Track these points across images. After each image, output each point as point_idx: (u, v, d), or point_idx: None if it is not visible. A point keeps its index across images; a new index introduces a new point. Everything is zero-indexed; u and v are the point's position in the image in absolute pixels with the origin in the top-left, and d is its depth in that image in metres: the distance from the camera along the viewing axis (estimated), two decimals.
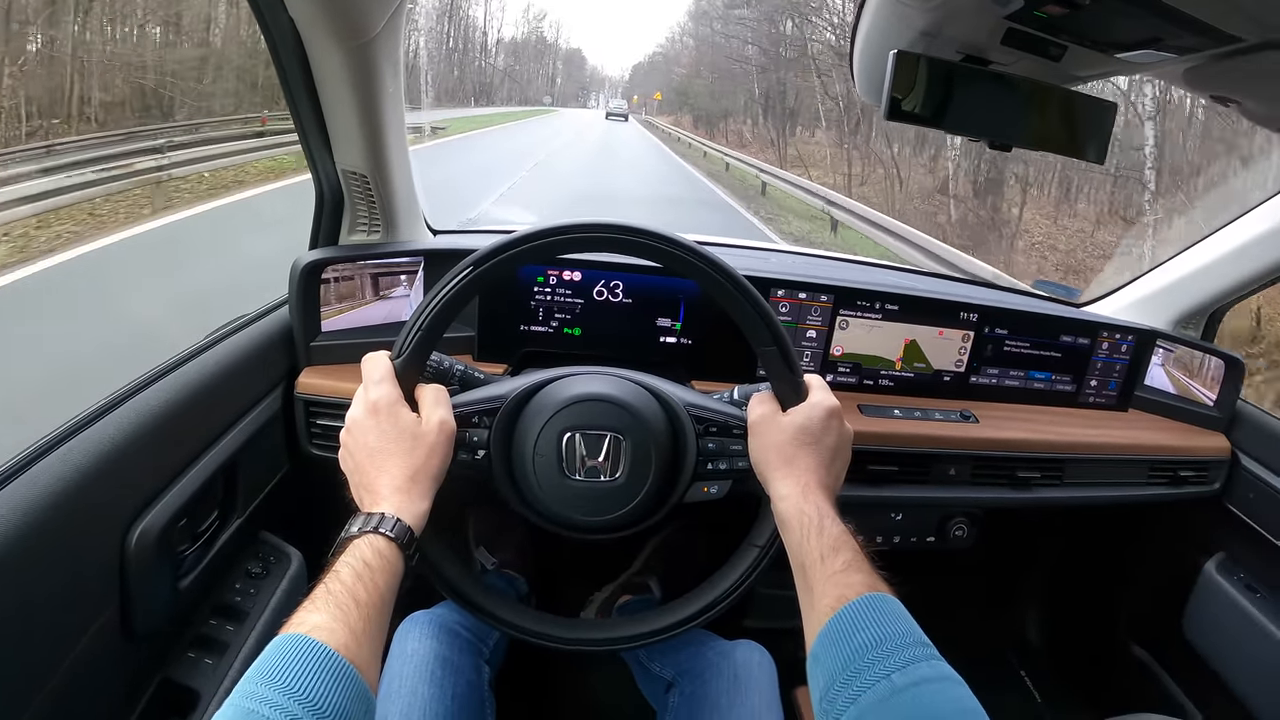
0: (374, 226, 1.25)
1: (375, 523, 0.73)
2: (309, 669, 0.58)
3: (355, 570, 0.68)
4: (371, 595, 0.67)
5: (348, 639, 0.62)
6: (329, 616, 0.63)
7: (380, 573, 0.70)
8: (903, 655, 0.64)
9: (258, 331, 1.14)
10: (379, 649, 0.68)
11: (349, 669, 0.60)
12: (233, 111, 14.63)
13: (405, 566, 0.74)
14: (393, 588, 0.71)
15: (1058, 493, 1.34)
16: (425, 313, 0.84)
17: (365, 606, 0.66)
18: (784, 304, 1.30)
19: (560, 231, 0.84)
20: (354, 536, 0.72)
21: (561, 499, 0.88)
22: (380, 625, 0.68)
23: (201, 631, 0.97)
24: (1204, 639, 1.46)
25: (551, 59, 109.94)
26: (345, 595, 0.66)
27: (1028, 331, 1.41)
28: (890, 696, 0.61)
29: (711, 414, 0.92)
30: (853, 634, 0.67)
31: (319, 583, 0.67)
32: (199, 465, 0.94)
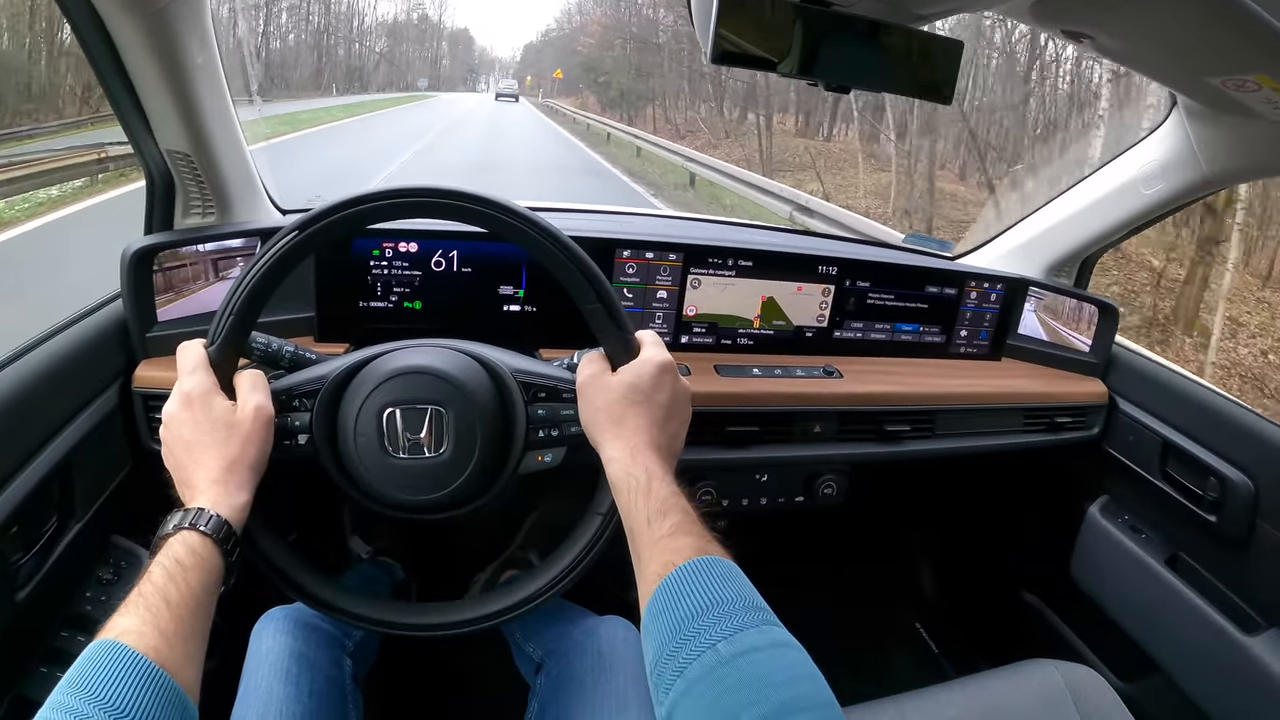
0: (209, 209, 1.19)
1: (190, 518, 0.70)
2: (116, 675, 0.56)
3: (167, 570, 0.65)
4: (184, 594, 0.64)
5: (158, 641, 0.60)
6: (139, 619, 0.61)
7: (194, 570, 0.67)
8: (730, 622, 0.61)
9: (89, 326, 1.08)
10: (196, 649, 0.65)
11: (159, 673, 0.58)
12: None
13: (224, 561, 0.71)
14: (208, 585, 0.68)
15: (930, 444, 1.34)
16: (238, 294, 0.80)
17: (177, 607, 0.63)
18: (631, 265, 1.28)
19: (380, 197, 0.81)
20: (169, 534, 0.69)
21: (387, 479, 0.84)
22: (195, 626, 0.65)
23: (53, 645, 0.94)
24: (1092, 581, 1.48)
25: (435, 40, 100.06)
26: (156, 596, 0.63)
27: (891, 284, 1.40)
28: (716, 667, 0.58)
29: (540, 379, 0.89)
30: (679, 601, 0.64)
31: (135, 586, 0.64)
32: (28, 470, 0.89)
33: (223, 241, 1.18)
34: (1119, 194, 1.39)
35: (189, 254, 1.14)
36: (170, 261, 1.12)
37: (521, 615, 0.90)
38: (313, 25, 59.69)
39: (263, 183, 1.29)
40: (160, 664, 0.58)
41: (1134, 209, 1.38)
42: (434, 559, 1.61)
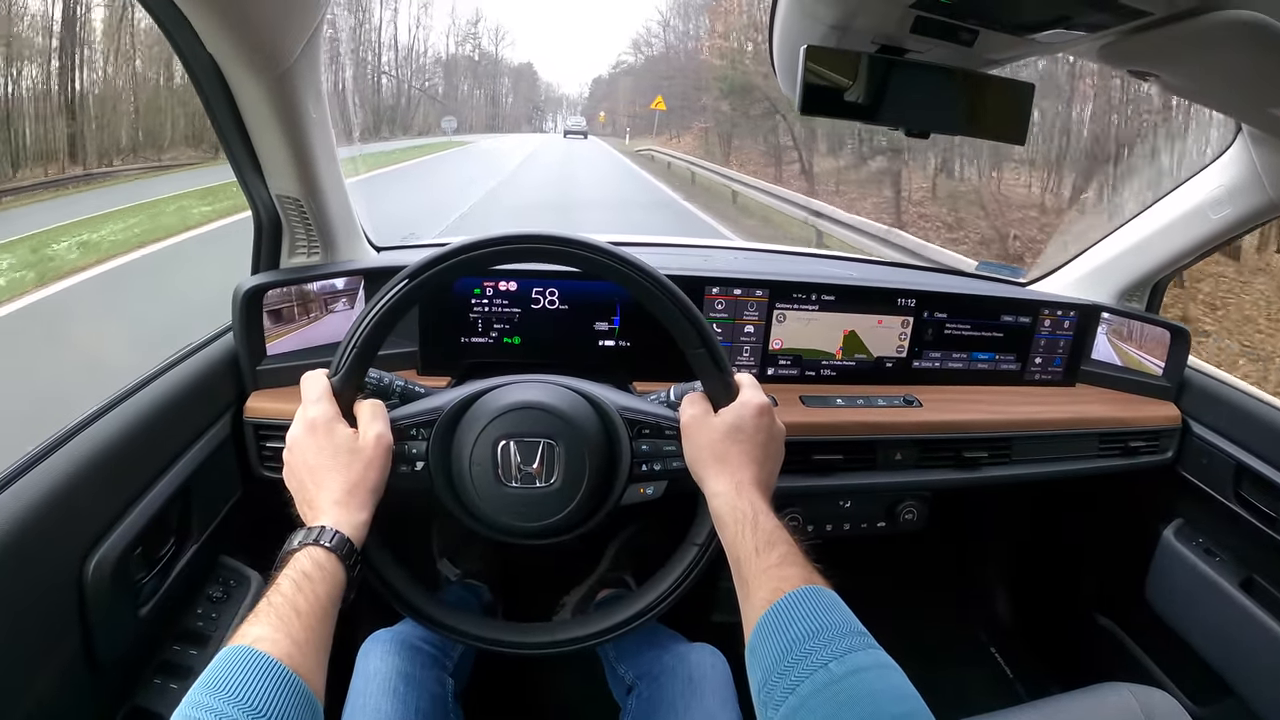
0: (313, 248, 1.26)
1: (314, 535, 0.75)
2: (253, 678, 0.60)
3: (295, 582, 0.70)
4: (312, 605, 0.69)
5: (290, 648, 0.64)
6: (271, 628, 0.65)
7: (320, 583, 0.71)
8: (839, 645, 0.65)
9: (204, 359, 1.15)
10: (323, 656, 0.69)
11: (292, 676, 0.62)
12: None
13: (346, 576, 0.75)
14: (334, 597, 0.73)
15: (1007, 470, 1.35)
16: (359, 330, 0.85)
17: (306, 616, 0.67)
18: (719, 301, 1.32)
19: (490, 244, 0.86)
20: (294, 550, 0.74)
21: (499, 506, 0.89)
22: (322, 633, 0.70)
23: (165, 658, 0.98)
24: (1166, 604, 1.48)
25: (491, 77, 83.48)
26: (286, 606, 0.67)
27: (967, 314, 1.42)
28: (828, 685, 0.62)
29: (644, 416, 0.94)
30: (789, 626, 0.68)
31: (263, 597, 0.69)
32: (152, 494, 0.95)
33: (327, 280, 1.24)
34: (1187, 219, 1.40)
35: (293, 291, 1.21)
36: (276, 297, 1.19)
37: (619, 636, 0.94)
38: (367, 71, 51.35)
39: (360, 222, 1.35)
40: (293, 668, 0.62)
41: (1202, 234, 1.39)
42: (519, 582, 1.65)
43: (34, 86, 15.04)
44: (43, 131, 14.50)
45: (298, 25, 0.99)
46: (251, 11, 0.92)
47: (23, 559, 0.75)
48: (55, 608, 0.80)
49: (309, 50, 1.03)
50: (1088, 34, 0.89)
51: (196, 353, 1.15)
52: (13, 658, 0.74)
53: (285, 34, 0.98)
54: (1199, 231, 1.39)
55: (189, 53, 0.98)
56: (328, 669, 0.70)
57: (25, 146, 14.04)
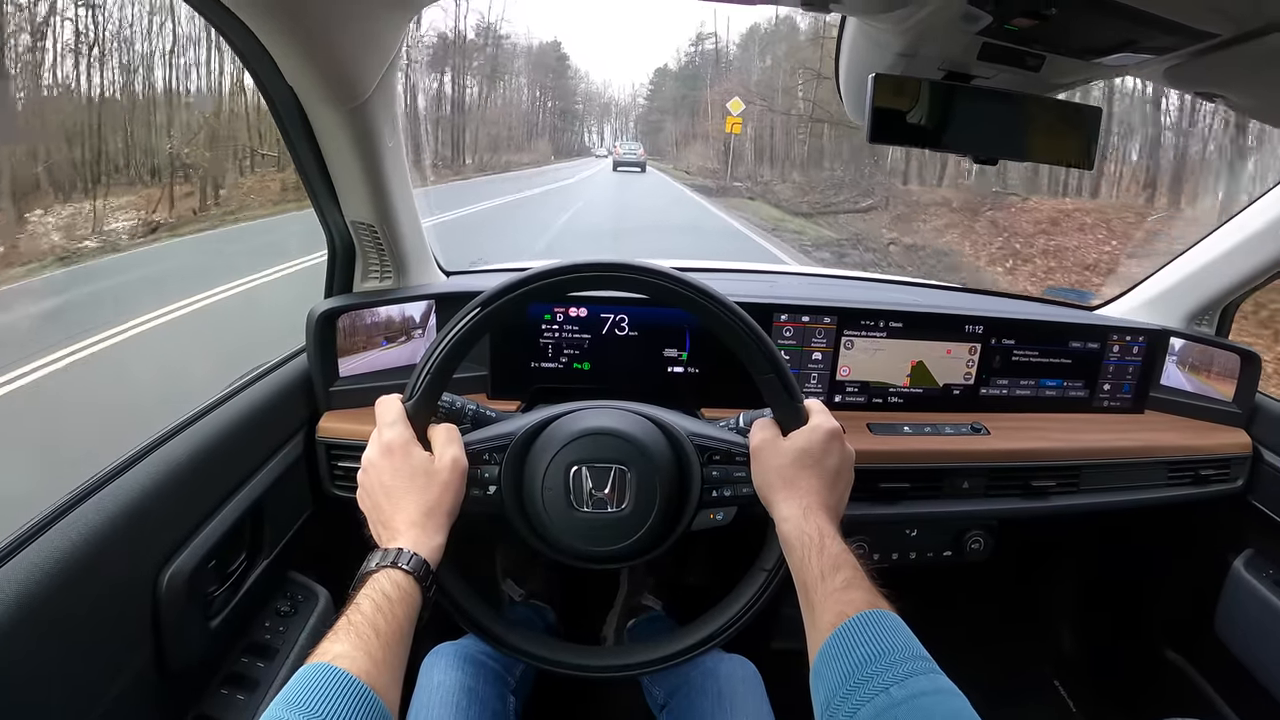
0: (385, 273, 1.29)
1: (393, 557, 0.76)
2: (331, 694, 0.61)
3: (375, 602, 0.71)
4: (391, 625, 0.70)
5: (368, 666, 0.65)
6: (350, 646, 0.66)
7: (399, 604, 0.73)
8: (901, 669, 0.65)
9: (278, 379, 1.18)
10: (399, 676, 0.70)
11: (369, 694, 0.63)
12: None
13: (423, 598, 0.77)
14: (411, 618, 0.74)
15: (1075, 500, 1.33)
16: (434, 355, 0.87)
17: (385, 636, 0.69)
18: (788, 328, 1.32)
19: (563, 271, 0.88)
20: (373, 571, 0.75)
21: (570, 530, 0.90)
22: (399, 654, 0.71)
23: (234, 670, 1.01)
24: (1236, 638, 1.44)
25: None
26: (366, 626, 0.69)
27: (1035, 340, 1.41)
28: (889, 708, 0.63)
29: (715, 442, 0.94)
30: (852, 649, 0.68)
31: (341, 615, 0.70)
32: (226, 509, 0.97)
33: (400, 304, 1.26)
34: (1260, 239, 1.37)
35: (366, 314, 1.23)
36: (349, 320, 1.21)
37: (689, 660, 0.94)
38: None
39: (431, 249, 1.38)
40: (370, 686, 0.63)
41: (1273, 254, 1.36)
42: (580, 603, 1.67)
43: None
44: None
45: (375, 59, 1.02)
46: (330, 45, 0.95)
47: (100, 569, 0.78)
48: (130, 617, 0.83)
49: (385, 82, 1.06)
50: (1155, 57, 0.88)
51: (271, 373, 1.19)
52: (89, 664, 0.76)
53: (363, 67, 1.01)
54: (1270, 252, 1.36)
55: (269, 84, 1.02)
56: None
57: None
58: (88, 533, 0.77)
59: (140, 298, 7.04)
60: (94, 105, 14.31)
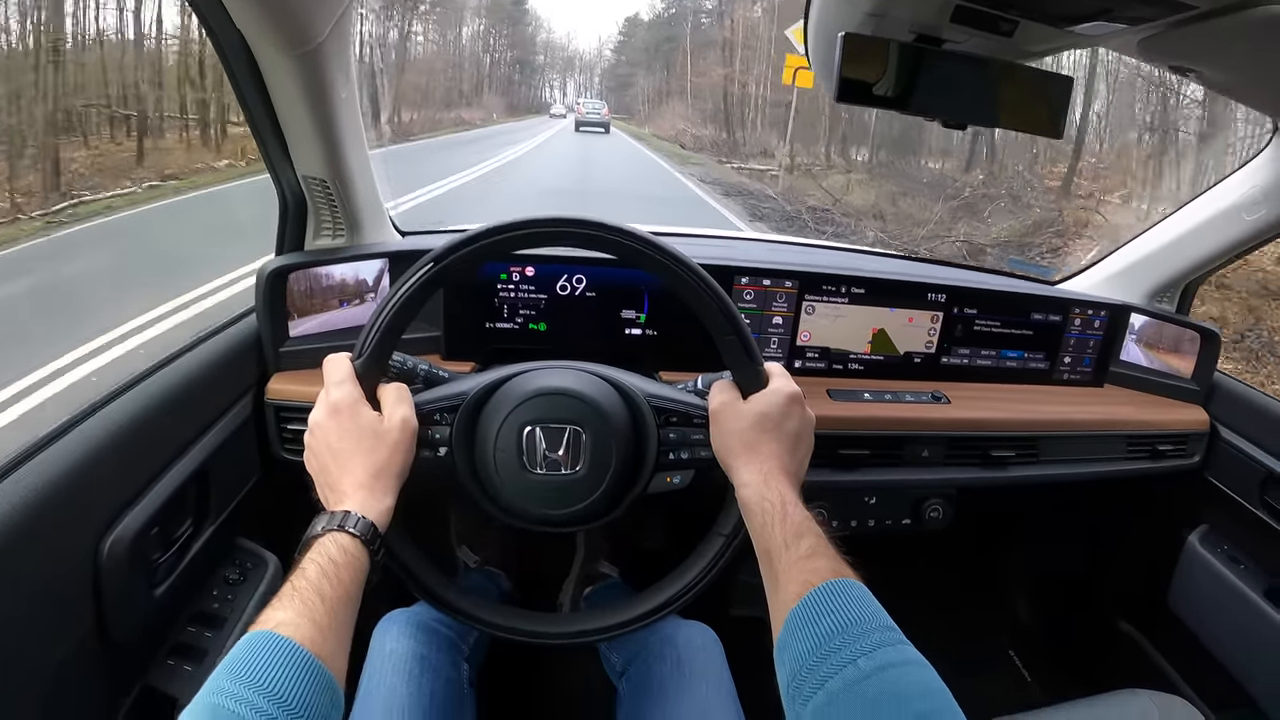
0: (338, 230, 1.25)
1: (339, 520, 0.74)
2: (275, 663, 0.59)
3: (320, 567, 0.69)
4: (337, 591, 0.68)
5: (313, 633, 0.63)
6: (294, 613, 0.64)
7: (345, 568, 0.71)
8: (869, 639, 0.64)
9: (226, 340, 1.14)
10: (345, 642, 0.69)
11: (314, 662, 0.62)
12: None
13: (370, 562, 0.75)
14: (358, 583, 0.72)
15: (1034, 470, 1.34)
16: (384, 312, 0.84)
17: (330, 601, 0.67)
18: (748, 291, 1.30)
19: (518, 227, 0.85)
20: (319, 535, 0.73)
21: (523, 493, 0.88)
22: (346, 620, 0.69)
23: (180, 639, 0.98)
24: (1190, 612, 1.46)
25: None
26: (310, 591, 0.67)
27: (998, 310, 1.41)
28: (857, 681, 0.61)
29: (672, 404, 0.93)
30: (818, 620, 0.67)
31: (286, 581, 0.68)
32: (170, 474, 0.94)
33: (352, 262, 1.23)
34: (1221, 220, 1.38)
35: (317, 273, 1.20)
36: (300, 279, 1.18)
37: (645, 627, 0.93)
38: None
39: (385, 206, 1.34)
40: (315, 654, 0.62)
41: (1236, 235, 1.37)
42: (536, 569, 1.65)
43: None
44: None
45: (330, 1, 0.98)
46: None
47: (38, 536, 0.75)
48: (70, 585, 0.80)
49: (339, 27, 1.02)
50: (1128, 27, 0.87)
51: (218, 333, 1.15)
52: (28, 634, 0.74)
53: (316, 9, 0.97)
54: (1232, 233, 1.37)
55: (218, 29, 0.97)
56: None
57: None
58: (26, 498, 0.74)
59: None
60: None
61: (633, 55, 56.57)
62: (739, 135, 23.11)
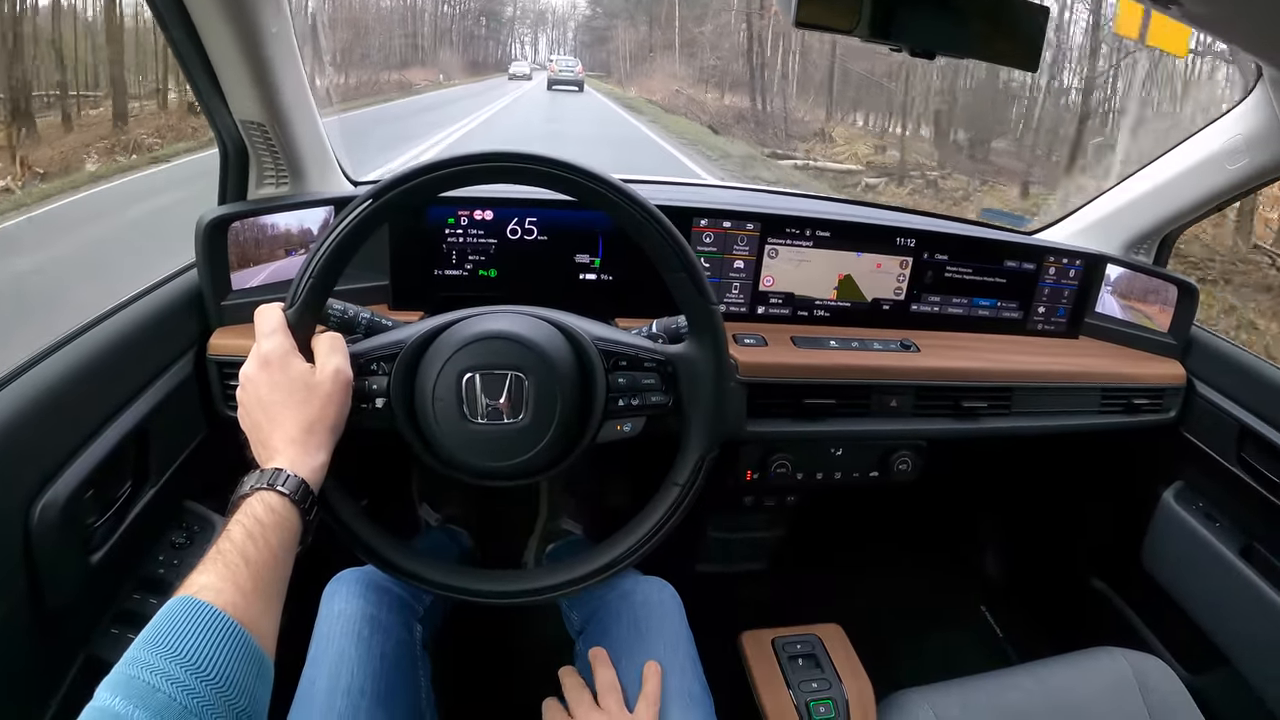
0: (281, 179, 1.20)
1: (268, 478, 0.71)
2: (194, 632, 0.57)
3: (246, 528, 0.67)
4: (263, 553, 0.66)
5: (235, 598, 0.61)
6: (217, 577, 0.62)
7: (272, 530, 0.68)
8: None
9: (166, 294, 1.09)
10: (273, 606, 0.66)
11: (236, 628, 0.59)
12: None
13: (302, 521, 0.72)
14: (287, 544, 0.69)
15: (1006, 422, 1.31)
16: (318, 256, 0.80)
17: (256, 565, 0.64)
18: (708, 234, 1.26)
19: (459, 162, 0.81)
20: (246, 494, 0.70)
21: (465, 445, 0.84)
22: (273, 583, 0.66)
23: (124, 606, 0.95)
24: (1163, 569, 1.45)
25: None
26: (234, 554, 0.64)
27: (970, 257, 1.37)
28: None
29: (621, 348, 0.89)
30: None
31: (212, 544, 0.65)
32: (106, 434, 0.90)
33: (296, 210, 1.18)
34: (1201, 169, 1.34)
35: (260, 222, 1.15)
36: (242, 230, 1.13)
37: (600, 583, 0.90)
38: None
39: (334, 153, 1.29)
40: (238, 619, 0.60)
41: (1217, 184, 1.33)
42: (499, 527, 1.62)
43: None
44: None
45: None
46: None
47: None
48: (0, 554, 0.76)
49: None
50: None
51: (157, 288, 1.10)
52: None
53: None
54: (1213, 182, 1.33)
55: None
56: (296, 610, 0.68)
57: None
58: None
59: None
60: None
61: (610, 6, 50.17)
62: (767, 105, 16.80)
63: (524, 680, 1.08)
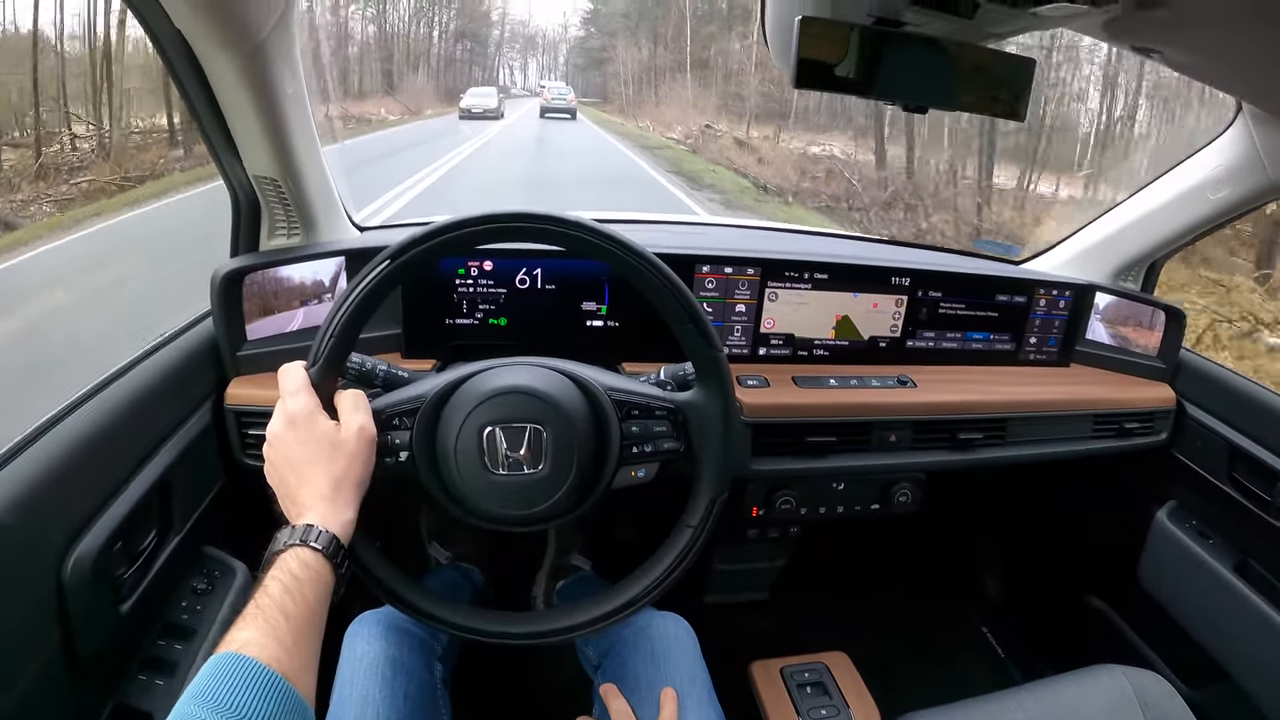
0: (293, 229, 1.23)
1: (301, 535, 0.73)
2: (241, 685, 0.59)
3: (283, 584, 0.68)
4: (300, 608, 0.68)
5: (278, 652, 0.63)
6: (259, 632, 0.64)
7: (308, 584, 0.70)
8: None
9: (183, 346, 1.12)
10: (312, 659, 0.68)
11: (280, 681, 0.61)
12: None
13: (335, 576, 0.74)
14: (322, 598, 0.72)
15: (1001, 452, 1.34)
16: (339, 315, 0.83)
17: (295, 619, 0.66)
18: (710, 280, 1.29)
19: (474, 223, 0.84)
20: (281, 551, 0.72)
21: (487, 494, 0.87)
22: (311, 636, 0.69)
23: (151, 653, 0.96)
24: (1159, 587, 1.48)
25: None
26: (274, 609, 0.66)
27: (962, 292, 1.40)
28: None
29: (633, 397, 0.92)
30: None
31: (250, 600, 0.67)
32: (131, 486, 0.92)
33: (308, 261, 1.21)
34: (1185, 199, 1.38)
35: (273, 274, 1.17)
36: (256, 281, 1.16)
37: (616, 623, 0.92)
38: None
39: (340, 200, 1.32)
40: (281, 673, 0.61)
41: (1200, 214, 1.37)
42: (508, 563, 1.64)
43: None
44: None
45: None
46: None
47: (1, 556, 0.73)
48: (34, 606, 0.78)
49: (283, 22, 1.00)
50: (1092, 8, 0.86)
51: (173, 340, 1.12)
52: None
53: (257, 6, 0.94)
54: (1196, 212, 1.37)
55: (156, 28, 0.95)
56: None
57: None
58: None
59: None
60: None
61: (607, 24, 44.52)
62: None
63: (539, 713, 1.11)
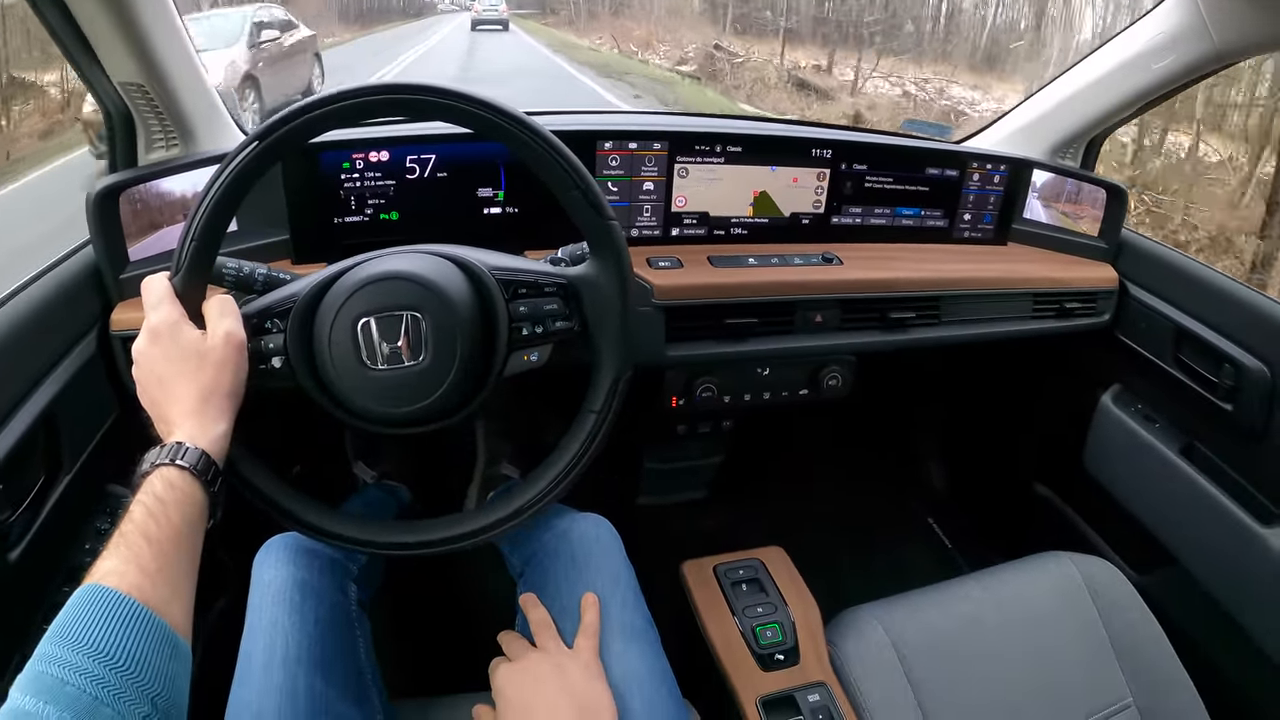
0: (171, 141, 1.14)
1: (168, 454, 0.69)
2: (100, 619, 0.56)
3: (147, 507, 0.65)
4: (165, 530, 0.64)
5: (139, 580, 0.60)
6: (119, 560, 0.61)
7: (173, 506, 0.66)
8: None
9: (60, 276, 1.04)
10: (182, 584, 0.64)
11: (142, 611, 0.58)
12: None
13: (206, 494, 0.70)
14: (192, 519, 0.67)
15: (936, 332, 1.30)
16: (197, 217, 0.76)
17: (159, 543, 0.63)
18: (614, 157, 1.22)
19: (347, 96, 0.76)
20: (147, 472, 0.68)
21: (367, 393, 0.80)
22: (180, 560, 0.65)
23: (55, 601, 0.90)
24: (1105, 471, 1.46)
25: None
26: (136, 535, 0.63)
27: (889, 166, 1.35)
28: None
29: (520, 275, 0.86)
30: None
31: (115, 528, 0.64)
32: (8, 427, 0.86)
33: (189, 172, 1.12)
34: (1126, 69, 1.33)
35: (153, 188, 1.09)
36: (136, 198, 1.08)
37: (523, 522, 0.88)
38: None
39: (228, 110, 1.23)
40: (143, 602, 0.58)
41: (1142, 85, 1.32)
42: (437, 478, 1.60)
43: None
44: None
45: None
46: None
47: None
48: None
49: None
50: None
51: (51, 270, 1.04)
52: None
53: None
54: (1137, 83, 1.32)
55: None
56: (238, 586, 0.69)
57: None
58: None
59: None
60: None
61: None
62: None
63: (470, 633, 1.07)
